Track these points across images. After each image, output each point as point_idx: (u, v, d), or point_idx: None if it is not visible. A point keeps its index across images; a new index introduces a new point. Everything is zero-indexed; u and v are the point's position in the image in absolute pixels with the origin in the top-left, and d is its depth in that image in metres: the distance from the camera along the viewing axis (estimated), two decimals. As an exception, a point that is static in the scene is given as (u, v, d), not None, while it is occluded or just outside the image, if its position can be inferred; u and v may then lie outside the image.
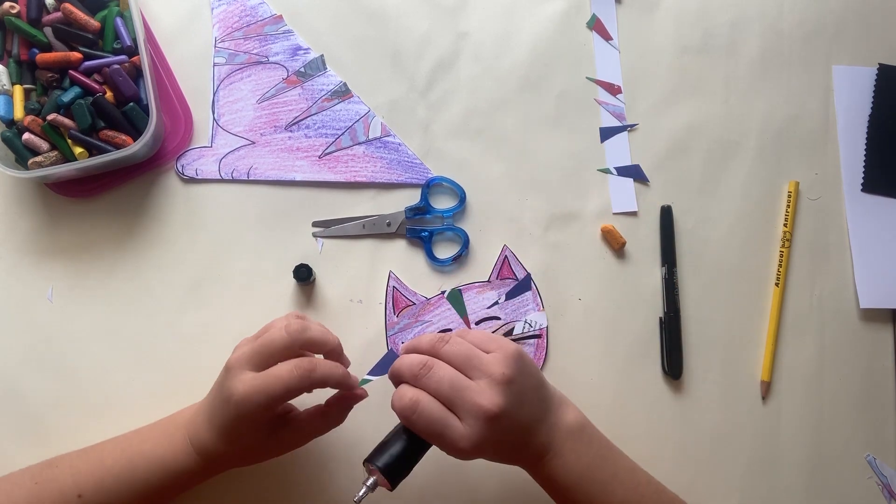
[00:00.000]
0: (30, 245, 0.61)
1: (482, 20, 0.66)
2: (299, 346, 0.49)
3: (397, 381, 0.49)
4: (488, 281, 0.63)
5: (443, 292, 0.63)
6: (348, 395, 0.52)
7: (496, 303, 0.63)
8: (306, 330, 0.49)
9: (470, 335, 0.50)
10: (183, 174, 0.62)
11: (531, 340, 0.62)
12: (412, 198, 0.64)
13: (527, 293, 0.63)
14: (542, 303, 0.63)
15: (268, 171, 0.63)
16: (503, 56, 0.66)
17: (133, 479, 0.50)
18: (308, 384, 0.47)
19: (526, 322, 0.62)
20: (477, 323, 0.62)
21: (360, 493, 0.47)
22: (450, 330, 0.62)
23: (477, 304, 0.63)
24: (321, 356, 0.52)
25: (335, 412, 0.52)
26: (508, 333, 0.62)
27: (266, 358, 0.48)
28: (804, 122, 0.67)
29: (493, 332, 0.62)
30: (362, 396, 0.53)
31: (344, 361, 0.52)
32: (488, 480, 0.60)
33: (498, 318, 0.62)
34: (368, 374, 0.52)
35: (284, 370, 0.47)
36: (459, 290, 0.63)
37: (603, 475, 0.50)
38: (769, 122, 0.67)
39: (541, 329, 0.62)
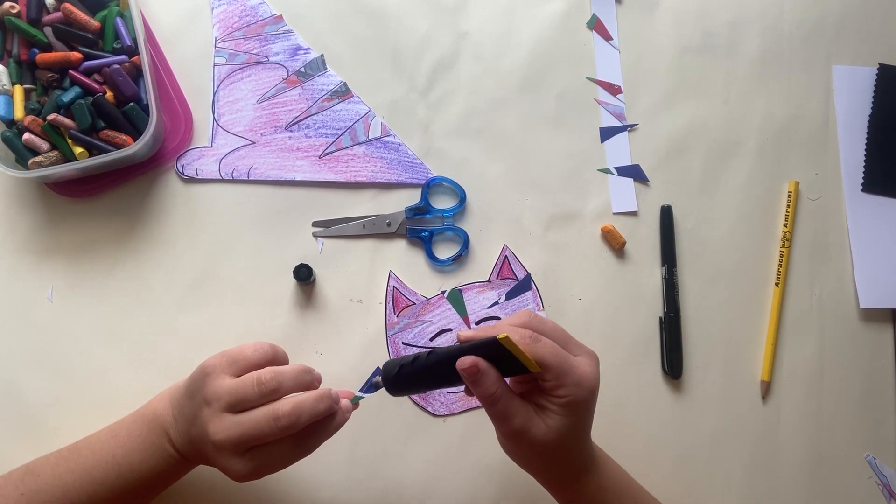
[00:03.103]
0: (30, 245, 0.61)
1: (482, 20, 0.66)
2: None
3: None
4: (488, 281, 0.63)
5: (443, 292, 0.63)
6: (322, 429, 0.49)
7: (496, 303, 0.63)
8: (279, 390, 0.47)
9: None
10: (183, 174, 0.62)
11: None
12: (412, 198, 0.64)
13: (527, 293, 0.63)
14: (542, 303, 0.63)
15: (268, 171, 0.63)
16: (503, 56, 0.66)
17: (123, 486, 0.50)
18: (283, 434, 0.46)
19: None
20: (477, 323, 0.62)
21: (361, 390, 0.48)
22: (450, 330, 0.62)
23: (477, 303, 0.63)
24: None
25: (309, 442, 0.49)
26: None
27: (239, 403, 0.46)
28: (804, 122, 0.67)
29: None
30: (341, 423, 0.49)
31: (315, 383, 0.50)
32: (488, 481, 0.60)
33: (498, 318, 0.62)
34: (360, 391, 0.51)
35: (263, 421, 0.45)
36: (459, 289, 0.63)
37: (635, 497, 0.52)
38: (769, 122, 0.67)
39: None
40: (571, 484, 0.50)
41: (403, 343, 0.62)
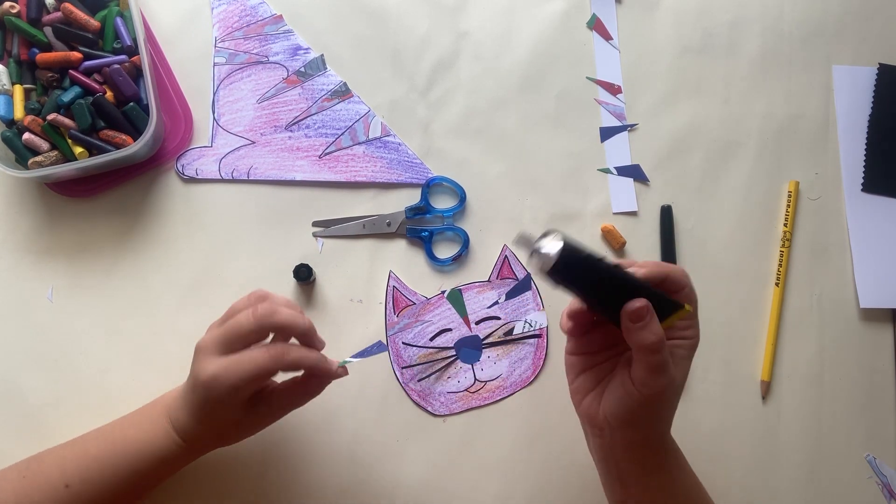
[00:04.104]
0: (30, 245, 0.61)
1: (482, 20, 0.66)
2: (268, 331, 0.48)
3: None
4: (488, 281, 0.63)
5: (443, 292, 0.63)
6: (322, 380, 0.51)
7: (496, 302, 0.63)
8: (274, 314, 0.47)
9: None
10: (183, 174, 0.62)
11: (531, 340, 0.62)
12: (412, 197, 0.64)
13: (527, 293, 0.63)
14: (542, 302, 0.63)
15: (268, 171, 0.63)
16: (503, 56, 0.66)
17: (117, 464, 0.50)
18: (280, 368, 0.47)
19: (526, 322, 0.62)
20: (477, 323, 0.62)
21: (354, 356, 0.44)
22: (449, 330, 0.62)
23: (477, 303, 0.63)
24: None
25: (313, 385, 0.51)
26: (508, 333, 0.62)
27: (233, 342, 0.47)
28: (804, 122, 0.67)
29: (492, 332, 0.62)
30: (340, 375, 0.51)
31: (318, 343, 0.51)
32: (488, 481, 0.60)
33: (498, 318, 0.62)
34: (352, 356, 0.52)
35: (256, 353, 0.47)
36: (459, 289, 0.63)
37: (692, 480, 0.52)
38: (769, 122, 0.67)
39: (541, 329, 0.62)
40: (667, 442, 0.49)
41: (403, 343, 0.62)
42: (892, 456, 0.63)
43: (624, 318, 0.43)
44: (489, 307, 0.62)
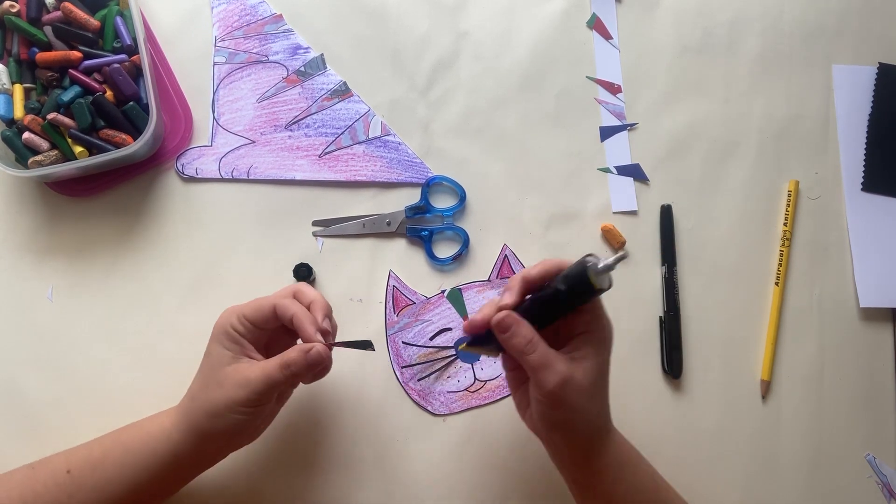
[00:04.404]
0: (30, 244, 0.61)
1: (482, 19, 0.66)
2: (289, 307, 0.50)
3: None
4: (488, 280, 0.63)
5: (443, 291, 0.63)
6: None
7: None
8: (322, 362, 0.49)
9: None
10: (183, 173, 0.62)
11: None
12: (412, 197, 0.64)
13: (527, 292, 0.63)
14: (542, 302, 0.63)
15: (268, 171, 0.63)
16: (503, 55, 0.66)
17: (122, 452, 0.50)
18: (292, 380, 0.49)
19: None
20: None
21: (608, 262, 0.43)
22: (450, 330, 0.62)
23: (477, 303, 0.63)
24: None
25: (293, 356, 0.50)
26: None
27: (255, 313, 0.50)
28: (804, 121, 0.67)
29: None
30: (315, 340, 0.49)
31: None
32: (488, 481, 0.60)
33: None
34: (337, 342, 0.52)
35: (271, 365, 0.48)
36: (459, 289, 0.63)
37: (649, 470, 0.52)
38: (769, 121, 0.67)
39: None
40: (595, 445, 0.49)
41: (403, 342, 0.62)
42: (892, 456, 0.63)
43: (494, 330, 0.46)
44: None
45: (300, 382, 0.51)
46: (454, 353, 0.62)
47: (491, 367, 0.62)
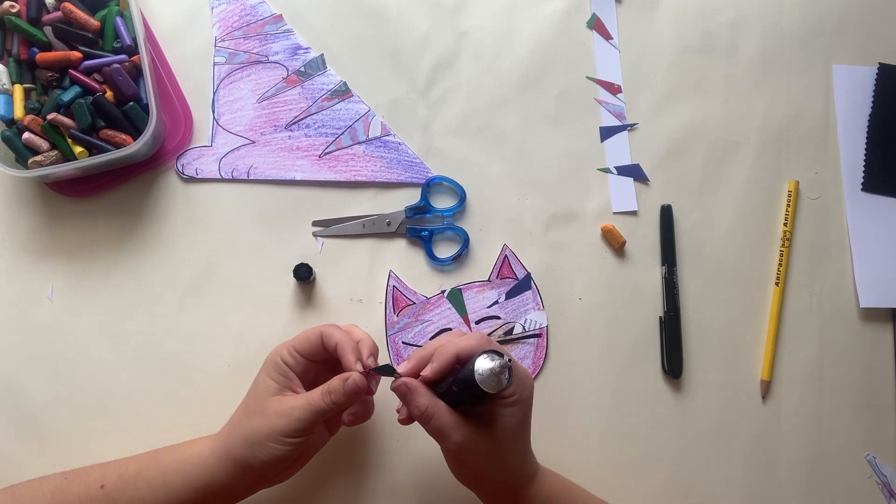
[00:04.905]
0: (30, 244, 0.61)
1: (482, 19, 0.66)
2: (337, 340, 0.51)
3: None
4: (488, 280, 0.63)
5: (443, 292, 0.63)
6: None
7: (496, 302, 0.63)
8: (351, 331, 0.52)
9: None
10: (183, 174, 0.62)
11: (531, 340, 0.62)
12: (412, 197, 0.64)
13: (527, 292, 0.63)
14: (542, 302, 0.63)
15: (268, 171, 0.63)
16: (503, 55, 0.66)
17: (158, 473, 0.49)
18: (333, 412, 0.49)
19: (526, 321, 0.62)
20: (477, 322, 0.62)
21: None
22: (450, 329, 0.62)
23: (477, 303, 0.63)
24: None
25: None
26: (508, 333, 0.62)
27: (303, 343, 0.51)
28: (804, 121, 0.67)
29: (493, 332, 0.62)
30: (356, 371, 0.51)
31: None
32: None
33: (498, 318, 0.62)
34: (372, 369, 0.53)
35: (315, 396, 0.49)
36: (459, 289, 0.63)
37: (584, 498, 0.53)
38: (769, 121, 0.67)
39: (541, 329, 0.62)
40: (519, 493, 0.50)
41: (403, 342, 0.62)
42: (892, 456, 0.63)
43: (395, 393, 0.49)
44: (489, 307, 0.62)
45: (342, 424, 0.53)
46: None
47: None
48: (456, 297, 0.63)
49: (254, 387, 0.52)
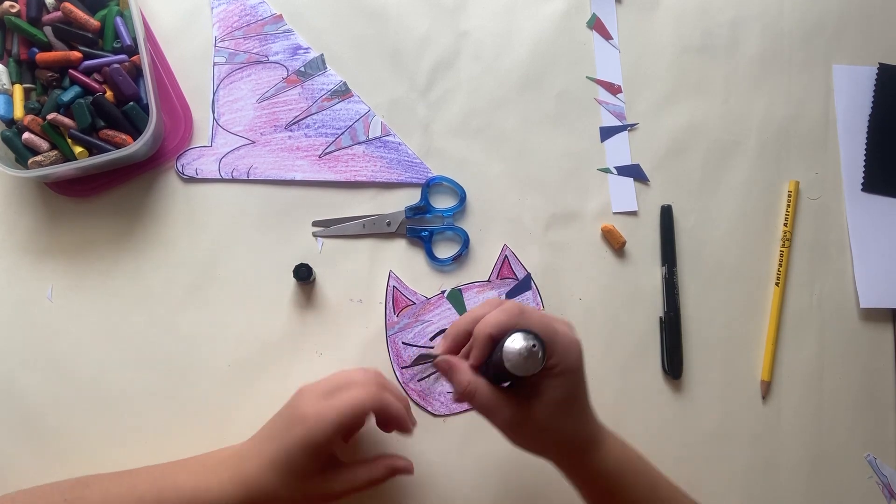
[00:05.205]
0: (30, 244, 0.61)
1: (482, 19, 0.66)
2: (372, 410, 0.51)
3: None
4: (488, 280, 0.63)
5: (443, 292, 0.63)
6: (394, 465, 0.53)
7: None
8: (388, 407, 0.51)
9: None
10: (183, 174, 0.62)
11: None
12: (412, 197, 0.64)
13: (527, 293, 0.63)
14: (542, 302, 0.63)
15: (268, 171, 0.63)
16: (503, 55, 0.66)
17: None
18: (374, 405, 0.50)
19: None
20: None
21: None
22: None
23: (477, 303, 0.62)
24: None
25: (380, 469, 0.53)
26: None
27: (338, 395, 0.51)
28: (804, 122, 0.67)
29: None
30: (408, 469, 0.54)
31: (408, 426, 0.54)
32: (488, 481, 0.60)
33: None
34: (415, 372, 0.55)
35: (354, 391, 0.50)
36: (459, 289, 0.63)
37: (649, 475, 0.50)
38: (769, 122, 0.67)
39: None
40: (583, 458, 0.48)
41: (403, 343, 0.62)
42: (892, 456, 0.63)
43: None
44: None
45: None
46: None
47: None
48: (456, 298, 0.63)
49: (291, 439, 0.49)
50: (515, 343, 0.42)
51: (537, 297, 0.63)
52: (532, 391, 0.46)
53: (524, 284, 0.63)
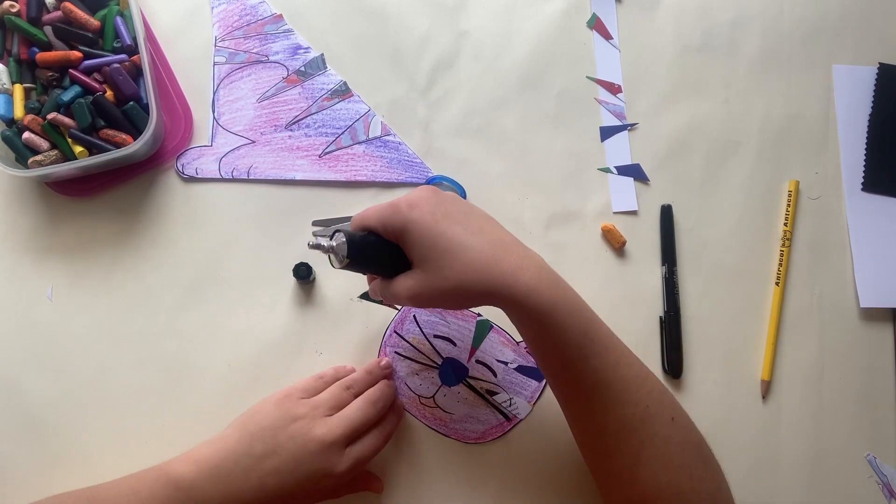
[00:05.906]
0: (30, 244, 0.61)
1: (482, 19, 0.66)
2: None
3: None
4: (518, 343, 0.62)
5: (479, 315, 0.62)
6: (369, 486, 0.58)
7: (505, 363, 0.61)
8: (359, 390, 0.56)
9: None
10: (183, 173, 0.62)
11: (499, 416, 0.60)
12: (412, 197, 0.64)
13: (533, 382, 0.61)
14: (537, 398, 0.62)
15: (268, 171, 0.63)
16: (503, 55, 0.66)
17: None
18: (372, 413, 0.54)
19: (510, 400, 0.61)
20: (477, 361, 0.61)
21: (319, 242, 0.47)
22: (453, 345, 0.62)
23: (492, 349, 0.61)
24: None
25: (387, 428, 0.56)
26: (490, 394, 0.61)
27: (337, 405, 0.54)
28: (804, 121, 0.67)
29: (480, 380, 0.61)
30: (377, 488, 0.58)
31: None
32: (489, 482, 0.60)
33: (495, 375, 0.61)
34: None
35: (364, 407, 0.53)
36: (492, 325, 0.61)
37: (581, 314, 0.49)
38: (769, 121, 0.67)
39: (515, 416, 0.60)
40: (493, 301, 0.47)
41: (415, 316, 0.61)
42: (892, 456, 0.63)
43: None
44: (497, 361, 0.61)
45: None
46: (438, 363, 0.61)
47: (452, 400, 0.61)
48: (482, 329, 0.61)
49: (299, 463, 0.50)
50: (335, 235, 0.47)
51: (538, 392, 0.61)
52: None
53: (537, 373, 0.61)
